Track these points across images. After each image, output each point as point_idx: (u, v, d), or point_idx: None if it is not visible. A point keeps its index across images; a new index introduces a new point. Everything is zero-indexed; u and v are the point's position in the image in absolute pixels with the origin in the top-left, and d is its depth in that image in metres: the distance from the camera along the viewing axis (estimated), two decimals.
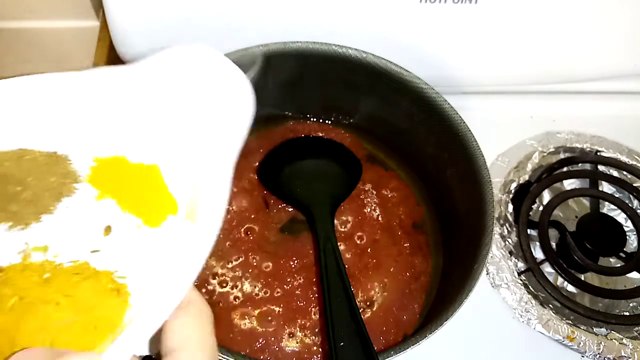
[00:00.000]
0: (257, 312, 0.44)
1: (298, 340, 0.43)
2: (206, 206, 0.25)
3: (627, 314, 0.49)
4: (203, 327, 0.23)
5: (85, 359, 0.19)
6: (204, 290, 0.44)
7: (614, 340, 0.46)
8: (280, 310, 0.44)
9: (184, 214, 0.26)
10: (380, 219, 0.50)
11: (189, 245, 0.24)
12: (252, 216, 0.48)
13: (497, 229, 0.51)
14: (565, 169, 0.56)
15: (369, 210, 0.50)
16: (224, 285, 0.45)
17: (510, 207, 0.53)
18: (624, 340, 0.46)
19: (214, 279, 0.45)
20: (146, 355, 0.34)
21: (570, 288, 0.50)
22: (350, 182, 0.50)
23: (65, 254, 0.26)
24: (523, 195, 0.53)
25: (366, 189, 0.51)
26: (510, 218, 0.53)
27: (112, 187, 0.28)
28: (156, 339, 0.23)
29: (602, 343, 0.46)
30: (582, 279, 0.50)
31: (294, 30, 0.50)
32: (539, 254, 0.51)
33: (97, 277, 0.25)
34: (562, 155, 0.58)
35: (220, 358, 0.34)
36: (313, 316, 0.44)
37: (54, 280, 0.25)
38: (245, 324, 0.43)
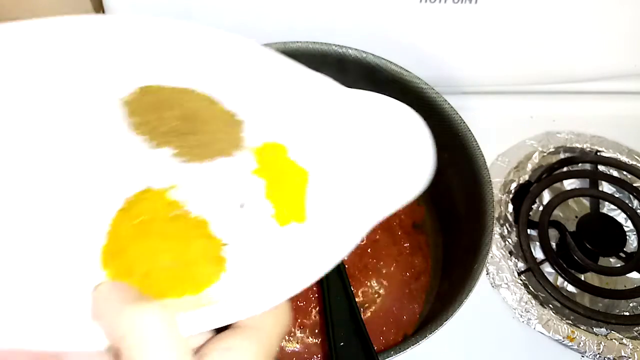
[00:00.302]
0: None
1: (298, 340, 0.43)
2: (334, 238, 0.25)
3: (627, 314, 0.49)
4: (279, 328, 0.23)
5: (162, 314, 0.19)
6: None
7: (614, 340, 0.46)
8: None
9: (308, 228, 0.27)
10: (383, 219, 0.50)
11: (302, 259, 0.25)
12: None
13: (497, 229, 0.51)
14: (565, 169, 0.56)
15: None
16: None
17: (510, 207, 0.53)
18: (624, 340, 0.46)
19: None
20: None
21: (570, 288, 0.50)
22: None
23: (198, 205, 0.27)
24: (523, 195, 0.53)
25: None
26: (510, 218, 0.53)
27: (269, 169, 0.29)
28: None
29: (602, 343, 0.46)
30: (582, 279, 0.50)
31: (294, 30, 0.50)
32: (539, 254, 0.51)
33: (210, 240, 0.26)
34: (562, 155, 0.57)
35: None
36: (313, 316, 0.44)
37: (177, 222, 0.26)
38: None
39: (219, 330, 0.22)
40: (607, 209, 0.55)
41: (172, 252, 0.25)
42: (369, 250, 0.48)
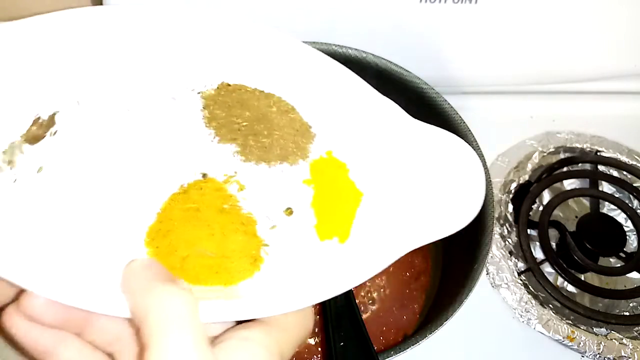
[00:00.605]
0: None
1: None
2: (368, 262, 0.25)
3: (627, 314, 0.49)
4: (300, 331, 0.23)
5: (186, 298, 0.20)
6: None
7: (614, 340, 0.46)
8: None
9: (346, 248, 0.27)
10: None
11: (333, 271, 0.25)
12: None
13: (497, 229, 0.51)
14: (565, 169, 0.56)
15: None
16: None
17: (510, 207, 0.53)
18: (624, 340, 0.46)
19: None
20: None
21: (570, 288, 0.50)
22: None
23: (249, 203, 0.28)
24: (523, 195, 0.53)
25: None
26: (510, 218, 0.53)
27: (320, 181, 0.30)
28: None
29: (602, 343, 0.46)
30: (582, 279, 0.50)
31: (294, 30, 0.50)
32: (539, 254, 0.51)
33: (252, 239, 0.27)
34: (562, 155, 0.57)
35: None
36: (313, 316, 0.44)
37: (226, 215, 0.27)
38: None
39: (240, 323, 0.22)
40: (607, 209, 0.55)
41: (213, 242, 0.26)
42: None
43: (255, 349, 0.21)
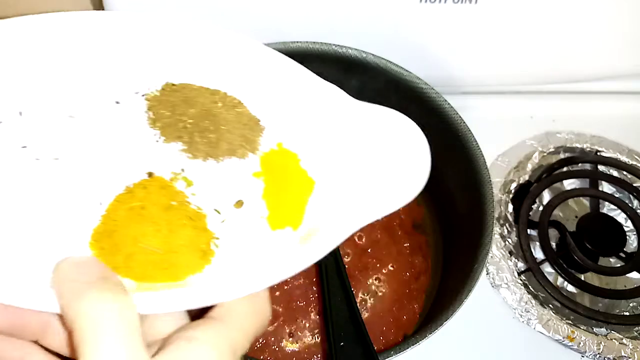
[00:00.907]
0: None
1: (298, 340, 0.43)
2: (322, 241, 0.26)
3: (627, 314, 0.49)
4: (253, 324, 0.22)
5: (118, 304, 0.19)
6: None
7: (614, 340, 0.46)
8: (280, 310, 0.44)
9: (299, 234, 0.28)
10: (380, 218, 0.50)
11: (282, 258, 0.26)
12: None
13: (497, 229, 0.51)
14: (565, 169, 0.56)
15: None
16: None
17: (510, 207, 0.53)
18: (624, 340, 0.46)
19: None
20: None
21: (570, 288, 0.50)
22: None
23: (197, 198, 0.28)
24: (523, 195, 0.53)
25: None
26: (510, 218, 0.53)
27: (271, 173, 0.30)
28: None
29: (602, 343, 0.46)
30: (582, 279, 0.50)
31: (294, 30, 0.50)
32: (539, 254, 0.51)
33: (202, 232, 0.27)
34: (562, 155, 0.57)
35: None
36: (313, 316, 0.44)
37: (173, 211, 0.27)
38: None
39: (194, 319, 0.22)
40: (607, 209, 0.55)
41: (159, 238, 0.26)
42: (369, 250, 0.48)
43: (203, 350, 0.19)
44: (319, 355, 0.43)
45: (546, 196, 0.55)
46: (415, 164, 0.29)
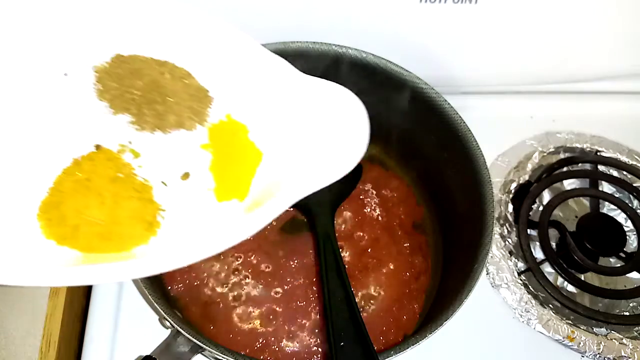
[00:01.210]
0: (257, 312, 0.44)
1: (298, 340, 0.43)
2: (267, 210, 0.26)
3: (627, 314, 0.49)
4: None
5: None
6: (204, 290, 0.44)
7: (614, 340, 0.46)
8: (280, 310, 0.44)
9: (245, 204, 0.28)
10: (380, 218, 0.50)
11: (226, 228, 0.26)
12: None
13: (497, 229, 0.51)
14: (565, 169, 0.56)
15: (369, 210, 0.50)
16: (224, 285, 0.45)
17: (510, 207, 0.53)
18: (624, 340, 0.46)
19: (214, 278, 0.45)
20: (147, 356, 0.34)
21: (570, 288, 0.50)
22: (351, 182, 0.50)
23: (144, 170, 0.28)
24: (523, 195, 0.53)
25: (366, 189, 0.51)
26: (510, 218, 0.53)
27: (219, 145, 0.30)
28: None
29: (602, 343, 0.46)
30: (582, 279, 0.50)
31: (294, 30, 0.50)
32: (539, 254, 0.51)
33: (148, 204, 0.27)
34: (562, 155, 0.57)
35: (221, 358, 0.34)
36: (313, 316, 0.44)
37: (119, 183, 0.27)
38: (245, 324, 0.43)
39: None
40: (607, 209, 0.55)
41: (104, 210, 0.26)
42: (369, 250, 0.48)
43: None
44: (319, 355, 0.43)
45: (546, 196, 0.55)
46: (355, 134, 0.30)
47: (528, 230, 0.51)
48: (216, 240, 0.24)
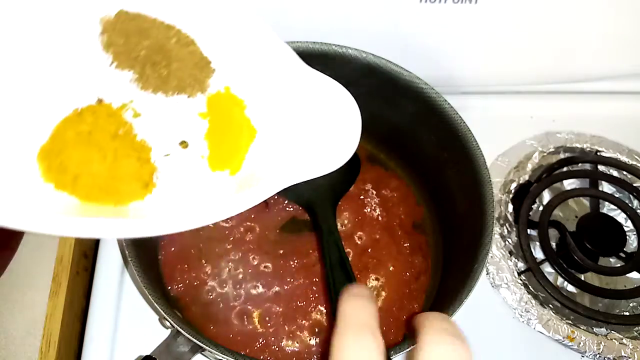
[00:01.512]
0: (257, 312, 0.44)
1: (298, 340, 0.43)
2: (256, 191, 0.27)
3: (627, 314, 0.49)
4: None
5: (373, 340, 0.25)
6: (204, 290, 0.44)
7: (614, 340, 0.46)
8: (280, 310, 0.44)
9: (236, 180, 0.29)
10: (380, 218, 0.50)
11: (218, 202, 0.27)
12: (252, 215, 0.48)
13: (497, 229, 0.51)
14: (565, 169, 0.56)
15: (369, 210, 0.50)
16: (224, 285, 0.45)
17: (510, 207, 0.53)
18: (624, 340, 0.46)
19: (214, 279, 0.45)
20: (147, 356, 0.34)
21: (570, 288, 0.50)
22: (350, 176, 0.50)
23: (144, 130, 0.29)
24: (523, 195, 0.53)
25: (366, 189, 0.51)
26: (510, 218, 0.53)
27: (216, 115, 0.31)
28: None
29: (602, 343, 0.46)
30: (582, 279, 0.50)
31: (294, 30, 0.50)
32: (539, 254, 0.51)
33: (145, 164, 0.28)
34: (562, 155, 0.58)
35: (221, 358, 0.34)
36: (313, 316, 0.44)
37: (119, 140, 0.28)
38: (245, 324, 0.43)
39: None
40: (607, 209, 0.55)
41: (103, 164, 0.26)
42: (369, 250, 0.48)
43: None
44: (319, 356, 0.43)
45: (546, 196, 0.55)
46: (347, 130, 0.31)
47: (528, 230, 0.51)
48: (207, 210, 0.25)
